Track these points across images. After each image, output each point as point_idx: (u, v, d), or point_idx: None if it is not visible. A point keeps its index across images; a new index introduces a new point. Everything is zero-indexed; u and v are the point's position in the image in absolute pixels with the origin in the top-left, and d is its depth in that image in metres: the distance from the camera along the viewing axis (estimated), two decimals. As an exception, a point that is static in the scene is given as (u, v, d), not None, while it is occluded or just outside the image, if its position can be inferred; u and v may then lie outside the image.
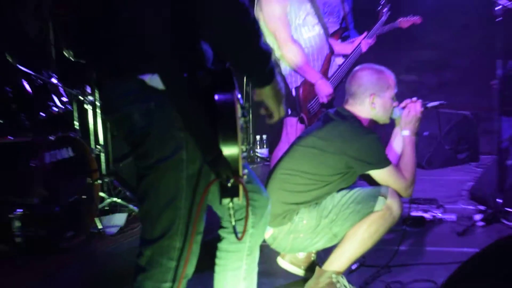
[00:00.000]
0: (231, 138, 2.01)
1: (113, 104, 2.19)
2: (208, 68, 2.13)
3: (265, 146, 7.83)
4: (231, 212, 2.11)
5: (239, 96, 2.22)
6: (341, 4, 5.63)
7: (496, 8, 4.69)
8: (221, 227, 2.53)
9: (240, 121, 2.21)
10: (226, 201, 2.07)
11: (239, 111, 2.16)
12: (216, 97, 2.03)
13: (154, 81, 2.04)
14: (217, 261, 2.57)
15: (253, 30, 2.12)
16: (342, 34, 5.62)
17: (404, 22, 5.67)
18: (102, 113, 5.72)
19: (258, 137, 7.93)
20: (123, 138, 2.25)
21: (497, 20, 4.76)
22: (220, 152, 2.01)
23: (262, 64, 2.21)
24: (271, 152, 7.08)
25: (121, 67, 2.12)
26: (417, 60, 10.76)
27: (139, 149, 2.14)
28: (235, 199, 2.06)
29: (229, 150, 2.01)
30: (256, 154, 8.16)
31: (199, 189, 2.13)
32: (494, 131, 7.71)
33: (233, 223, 2.16)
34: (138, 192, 2.22)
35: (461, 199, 5.72)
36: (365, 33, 5.28)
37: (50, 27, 8.21)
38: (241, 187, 2.04)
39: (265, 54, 2.19)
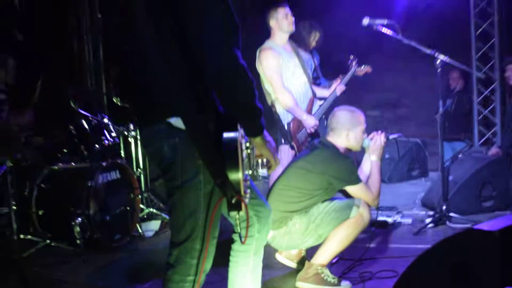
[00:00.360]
0: (234, 167, 2.06)
1: (149, 140, 2.30)
2: (218, 112, 2.14)
3: (265, 167, 7.78)
4: (237, 222, 2.16)
5: (243, 132, 2.25)
6: (311, 59, 5.67)
7: (436, 62, 4.70)
8: (233, 232, 2.53)
9: (244, 152, 2.25)
10: (233, 213, 2.13)
11: (243, 144, 2.21)
12: (223, 135, 2.07)
13: (178, 122, 2.12)
14: (230, 258, 2.58)
15: (249, 92, 2.11)
16: (316, 82, 5.65)
17: (360, 71, 5.68)
18: (142, 146, 5.70)
19: (259, 160, 7.89)
20: (156, 165, 2.31)
21: (437, 70, 4.76)
22: (226, 177, 2.06)
23: (252, 119, 2.20)
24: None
25: (153, 113, 2.20)
26: (379, 99, 10.78)
27: (168, 174, 2.22)
28: (241, 212, 2.12)
29: (232, 176, 2.06)
30: (258, 173, 8.27)
31: (212, 204, 2.18)
32: (438, 153, 7.78)
33: (239, 230, 2.20)
34: (168, 205, 2.30)
35: (415, 206, 5.69)
36: (338, 81, 5.29)
37: (103, 79, 8.27)
38: (243, 204, 2.09)
39: (256, 111, 2.17)
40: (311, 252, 3.80)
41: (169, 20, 2.10)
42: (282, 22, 4.88)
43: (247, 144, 2.34)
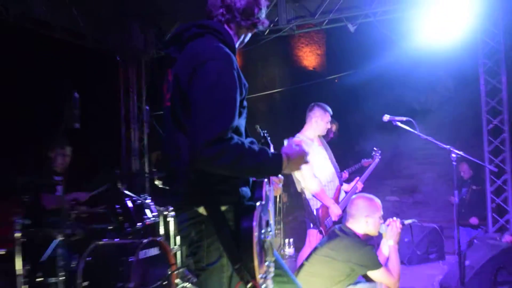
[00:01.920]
0: (249, 255, 2.11)
1: (180, 225, 2.33)
2: (238, 201, 2.23)
3: (292, 247, 7.73)
4: None
5: (272, 211, 2.32)
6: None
7: (452, 155, 4.72)
8: None
9: (267, 238, 2.30)
10: None
11: (266, 225, 2.28)
12: (241, 225, 2.15)
13: (203, 211, 2.18)
14: None
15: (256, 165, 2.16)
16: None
17: (366, 162, 5.75)
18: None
19: (286, 240, 7.85)
20: (186, 246, 2.33)
21: (453, 162, 4.78)
22: (241, 264, 2.11)
23: (268, 173, 2.34)
24: (297, 251, 6.97)
25: (183, 202, 2.27)
26: (397, 186, 10.77)
27: (195, 256, 2.25)
28: None
29: (248, 263, 2.11)
30: (285, 253, 8.18)
31: (232, 286, 2.18)
32: (454, 237, 7.65)
33: None
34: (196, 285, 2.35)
35: (433, 289, 5.54)
36: (358, 178, 5.36)
37: (145, 163, 8.47)
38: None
39: (266, 169, 2.23)
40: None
41: (187, 113, 2.17)
42: (322, 126, 5.08)
43: (270, 231, 2.35)
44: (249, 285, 2.11)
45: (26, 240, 4.45)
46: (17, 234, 4.32)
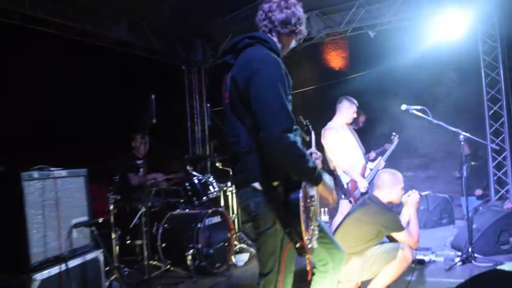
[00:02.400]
0: (297, 221, 2.07)
1: (241, 198, 2.29)
2: (288, 178, 2.17)
3: (327, 215, 7.63)
4: (307, 261, 2.20)
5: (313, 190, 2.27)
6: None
7: (460, 137, 4.52)
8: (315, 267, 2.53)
9: (312, 204, 2.26)
10: (302, 255, 2.17)
11: (310, 197, 2.24)
12: (289, 196, 2.12)
13: (258, 186, 2.16)
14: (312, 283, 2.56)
15: (301, 160, 2.11)
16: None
17: (387, 146, 5.57)
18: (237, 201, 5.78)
19: (322, 209, 7.76)
20: (246, 216, 2.33)
21: (461, 143, 4.58)
22: (291, 228, 2.09)
23: (309, 175, 2.18)
24: (331, 218, 6.87)
25: (244, 181, 2.23)
26: (412, 164, 10.50)
27: (254, 223, 2.25)
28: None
29: (296, 227, 2.08)
30: (322, 220, 8.11)
31: (284, 246, 2.17)
32: (461, 205, 7.41)
33: (308, 267, 2.26)
34: (256, 246, 2.33)
35: (445, 248, 5.35)
36: (380, 157, 5.21)
37: (207, 149, 8.54)
38: (306, 247, 2.12)
39: (310, 170, 2.15)
40: (365, 284, 3.63)
41: (245, 108, 2.16)
42: (350, 115, 4.97)
43: (314, 201, 2.30)
44: (298, 245, 2.09)
45: (117, 211, 4.55)
46: (111, 207, 4.43)
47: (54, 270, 3.03)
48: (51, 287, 2.97)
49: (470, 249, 4.62)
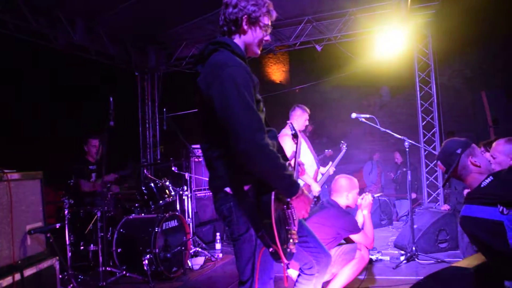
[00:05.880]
0: (269, 224, 1.88)
1: (215, 204, 2.10)
2: (259, 181, 1.94)
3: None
4: (284, 266, 1.97)
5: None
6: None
7: (405, 144, 4.57)
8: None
9: (289, 206, 2.07)
10: (277, 261, 1.94)
11: (287, 201, 2.04)
12: (261, 200, 1.92)
13: (229, 191, 2.00)
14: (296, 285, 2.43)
15: (272, 167, 1.88)
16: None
17: (328, 152, 5.62)
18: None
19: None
20: (222, 221, 2.13)
21: (406, 149, 4.62)
22: (262, 232, 1.90)
23: (282, 186, 1.94)
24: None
25: (217, 186, 2.05)
26: (348, 170, 10.67)
27: (229, 229, 2.07)
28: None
29: (268, 231, 1.89)
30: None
31: (258, 251, 1.99)
32: (395, 207, 7.63)
33: (287, 273, 2.04)
34: (234, 252, 2.11)
35: (389, 247, 5.44)
36: (331, 163, 5.20)
37: (158, 153, 8.19)
38: (280, 252, 1.89)
39: (285, 180, 1.92)
40: (324, 285, 3.55)
41: (211, 114, 1.94)
42: (302, 122, 4.89)
43: (289, 204, 2.08)
44: (271, 249, 1.89)
45: (70, 216, 4.19)
46: (65, 212, 4.06)
47: (7, 280, 2.67)
48: (3, 299, 2.60)
49: (414, 248, 4.69)
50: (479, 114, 9.88)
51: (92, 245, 4.70)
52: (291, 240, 2.00)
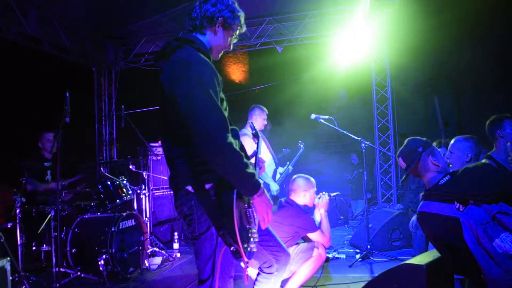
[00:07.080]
0: (230, 223, 1.87)
1: (176, 202, 2.06)
2: (221, 179, 1.92)
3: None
4: (243, 265, 1.97)
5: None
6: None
7: (362, 145, 4.71)
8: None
9: (251, 205, 2.06)
10: (238, 259, 1.93)
11: (249, 200, 2.05)
12: (223, 198, 1.92)
13: (191, 189, 1.97)
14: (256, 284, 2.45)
15: (235, 166, 1.86)
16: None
17: (284, 150, 5.73)
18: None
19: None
20: (182, 220, 2.09)
21: (363, 150, 4.76)
22: (224, 231, 1.90)
23: (243, 185, 1.92)
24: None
25: (177, 185, 2.02)
26: (306, 170, 10.87)
27: (189, 227, 2.03)
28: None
29: (229, 230, 1.88)
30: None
31: (219, 250, 1.97)
32: (351, 206, 7.84)
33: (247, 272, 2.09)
34: (194, 251, 2.08)
35: (345, 245, 5.58)
36: (288, 162, 5.29)
37: (114, 151, 7.98)
38: (241, 251, 1.88)
39: (246, 180, 1.91)
40: (283, 283, 3.60)
41: (172, 112, 1.93)
42: (261, 121, 4.93)
43: (251, 203, 2.06)
44: (232, 248, 1.89)
45: (22, 216, 4.02)
46: (16, 211, 3.89)
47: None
48: None
49: (368, 246, 4.85)
50: (431, 118, 10.36)
51: (45, 245, 4.53)
52: (251, 239, 2.01)
